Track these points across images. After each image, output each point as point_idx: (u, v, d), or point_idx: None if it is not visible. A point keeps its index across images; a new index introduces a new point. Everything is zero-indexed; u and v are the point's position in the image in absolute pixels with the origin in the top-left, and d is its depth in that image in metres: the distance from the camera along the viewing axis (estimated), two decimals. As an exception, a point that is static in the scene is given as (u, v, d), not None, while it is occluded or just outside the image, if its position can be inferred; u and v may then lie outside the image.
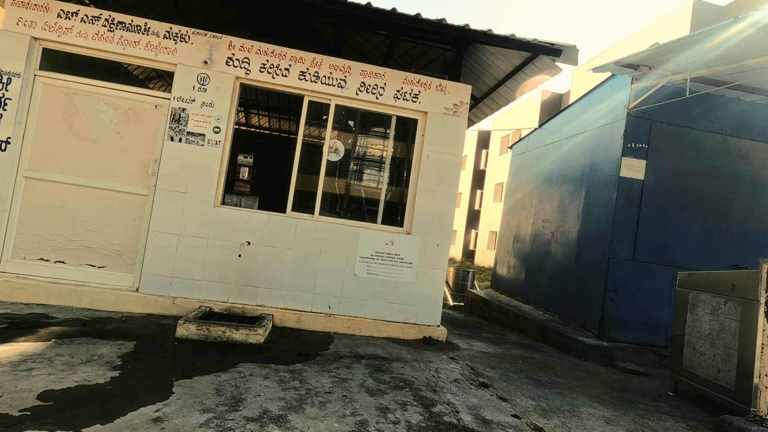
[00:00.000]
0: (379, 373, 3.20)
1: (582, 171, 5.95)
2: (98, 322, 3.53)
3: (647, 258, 5.08)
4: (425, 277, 4.46)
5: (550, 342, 5.33)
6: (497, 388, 3.27)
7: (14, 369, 2.43)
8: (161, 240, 4.07)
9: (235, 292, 4.18)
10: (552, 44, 4.00)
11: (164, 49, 4.11)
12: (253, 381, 2.71)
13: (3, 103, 3.87)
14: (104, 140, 4.10)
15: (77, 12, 4.01)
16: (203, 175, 4.14)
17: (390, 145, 4.77)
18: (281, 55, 4.30)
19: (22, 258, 3.98)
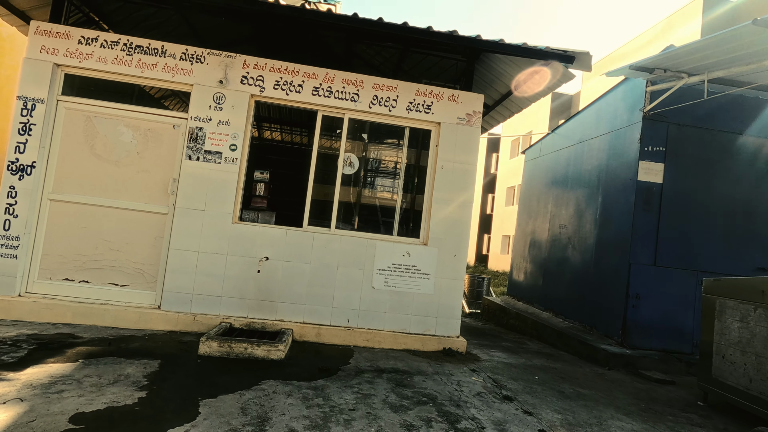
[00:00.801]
0: (402, 388, 3.18)
1: (598, 175, 5.88)
2: (123, 341, 3.58)
3: (669, 263, 4.98)
4: (443, 288, 4.44)
5: (572, 350, 5.25)
6: (521, 401, 3.22)
7: (45, 392, 2.48)
8: (181, 257, 4.13)
9: (255, 308, 4.21)
10: (565, 51, 3.98)
11: (181, 70, 4.20)
12: (277, 399, 2.72)
13: (28, 129, 3.99)
14: (125, 161, 4.19)
15: (97, 38, 4.13)
16: (221, 192, 4.20)
17: (404, 156, 4.78)
18: (294, 71, 4.35)
19: (48, 278, 4.07)
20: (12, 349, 3.12)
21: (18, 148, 3.98)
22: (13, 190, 3.96)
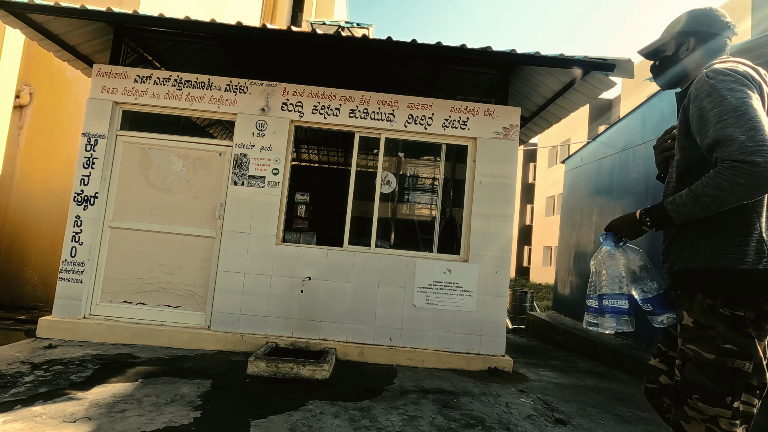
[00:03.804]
0: (448, 410, 3.12)
1: (646, 183, 5.62)
2: (177, 361, 3.74)
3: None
4: (486, 305, 4.35)
5: (626, 369, 4.95)
6: (576, 425, 3.07)
7: (110, 410, 2.63)
8: (228, 279, 4.29)
9: (299, 327, 4.29)
10: (604, 59, 3.88)
11: (226, 101, 4.44)
12: (325, 420, 2.74)
13: (92, 163, 4.33)
14: (176, 189, 4.45)
15: (150, 76, 4.45)
16: (265, 215, 4.36)
17: (441, 172, 4.78)
18: (331, 95, 4.49)
19: (109, 301, 4.34)
20: (79, 369, 3.34)
21: (83, 181, 4.32)
22: (79, 219, 4.28)
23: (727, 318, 1.28)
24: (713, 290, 1.33)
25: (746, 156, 1.21)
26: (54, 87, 6.18)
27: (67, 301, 4.21)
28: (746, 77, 1.33)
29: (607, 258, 1.54)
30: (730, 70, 1.34)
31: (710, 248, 1.36)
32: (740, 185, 1.22)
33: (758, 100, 1.29)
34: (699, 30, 1.54)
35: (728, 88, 1.30)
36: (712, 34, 1.52)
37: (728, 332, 1.28)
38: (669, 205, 1.39)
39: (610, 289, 1.51)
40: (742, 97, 1.28)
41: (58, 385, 2.98)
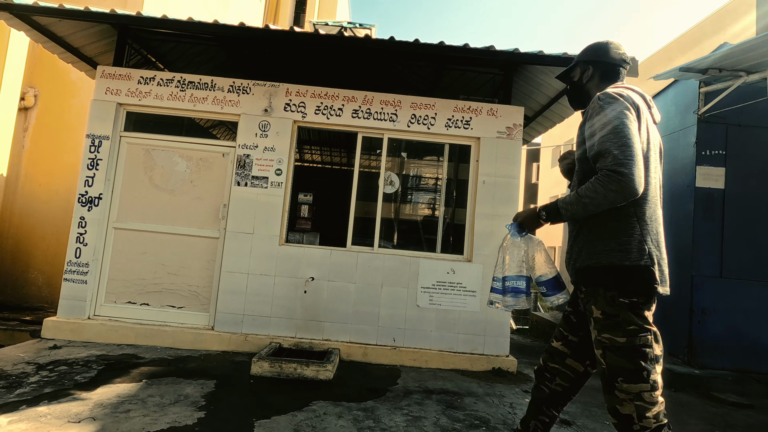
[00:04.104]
0: (452, 410, 3.11)
1: (650, 183, 5.58)
2: (181, 361, 3.75)
3: (738, 275, 4.60)
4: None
5: (632, 370, 4.92)
6: (581, 425, 3.05)
7: (114, 411, 2.64)
8: (232, 279, 4.29)
9: (302, 327, 4.29)
10: (608, 58, 3.86)
11: (229, 102, 4.45)
12: (328, 420, 2.74)
13: (96, 164, 4.34)
14: (180, 189, 4.46)
15: (154, 77, 4.47)
16: (268, 216, 4.36)
17: (444, 172, 4.77)
18: (334, 96, 4.49)
19: (113, 302, 4.35)
20: (84, 369, 3.35)
21: (87, 182, 4.34)
22: (83, 220, 4.30)
23: (626, 305, 1.53)
24: (609, 284, 1.56)
25: (618, 167, 1.45)
26: (58, 89, 6.21)
27: (71, 301, 4.23)
28: (629, 101, 1.58)
29: (510, 245, 1.81)
30: (617, 94, 1.59)
31: (602, 248, 1.59)
32: (611, 191, 1.47)
33: (635, 121, 1.55)
34: (597, 60, 1.82)
35: (612, 109, 1.55)
36: (608, 63, 1.80)
37: (629, 316, 1.53)
38: (560, 203, 1.63)
39: (511, 272, 1.78)
40: (621, 118, 1.52)
41: (62, 385, 2.99)
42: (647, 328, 1.53)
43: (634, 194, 1.47)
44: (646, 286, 1.53)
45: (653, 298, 1.56)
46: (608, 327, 1.56)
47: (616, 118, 1.52)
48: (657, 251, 1.57)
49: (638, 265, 1.53)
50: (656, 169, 1.65)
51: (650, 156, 1.61)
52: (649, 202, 1.60)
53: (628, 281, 1.54)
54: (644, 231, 1.56)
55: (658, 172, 1.65)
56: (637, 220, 1.57)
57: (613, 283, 1.56)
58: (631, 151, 1.47)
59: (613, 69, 1.80)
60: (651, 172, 1.60)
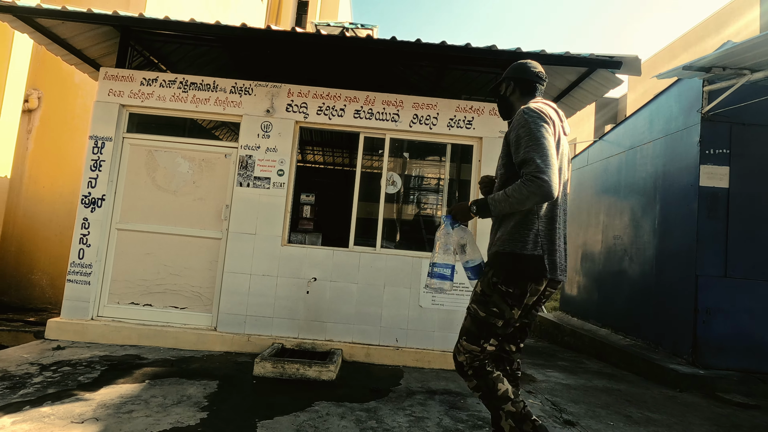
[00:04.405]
0: (455, 411, 3.10)
1: (654, 182, 5.56)
2: (183, 362, 3.75)
3: (743, 274, 4.57)
4: (493, 306, 4.31)
5: (635, 370, 4.89)
6: (585, 426, 3.04)
7: (117, 411, 2.64)
8: (235, 280, 4.30)
9: (305, 328, 4.29)
10: (611, 57, 3.85)
11: (231, 102, 4.46)
12: (331, 421, 2.73)
13: (99, 165, 4.36)
14: (182, 190, 4.47)
15: (156, 78, 4.48)
16: (270, 216, 4.36)
17: (446, 172, 4.76)
18: (336, 96, 4.49)
19: (116, 303, 4.37)
20: (87, 370, 3.36)
21: (90, 183, 4.35)
22: (86, 221, 4.31)
23: (501, 292, 1.85)
24: (498, 270, 1.87)
25: (539, 174, 1.72)
26: (62, 91, 6.24)
27: (75, 302, 4.24)
28: (547, 116, 1.86)
29: (443, 235, 2.04)
30: (538, 110, 1.87)
31: (507, 237, 1.88)
32: (533, 193, 1.74)
33: (552, 134, 1.83)
34: (517, 76, 2.11)
35: (534, 123, 1.82)
36: (526, 80, 2.09)
37: (498, 301, 1.86)
38: (489, 200, 1.89)
39: (440, 259, 2.02)
40: (542, 131, 1.80)
41: (66, 386, 3.00)
42: (506, 315, 1.85)
43: (551, 197, 1.76)
44: (534, 272, 1.83)
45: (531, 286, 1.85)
46: (479, 301, 1.91)
47: (537, 131, 1.80)
48: (549, 245, 1.86)
49: (532, 254, 1.83)
50: (563, 175, 1.94)
51: (561, 164, 1.91)
52: (549, 204, 1.88)
53: (515, 269, 1.84)
54: (540, 227, 1.86)
55: (563, 178, 1.94)
56: (537, 218, 1.87)
57: (501, 270, 1.86)
58: (550, 161, 1.75)
59: (531, 85, 2.09)
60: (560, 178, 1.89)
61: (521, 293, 1.83)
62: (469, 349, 1.90)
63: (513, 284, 1.83)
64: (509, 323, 1.88)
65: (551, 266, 1.84)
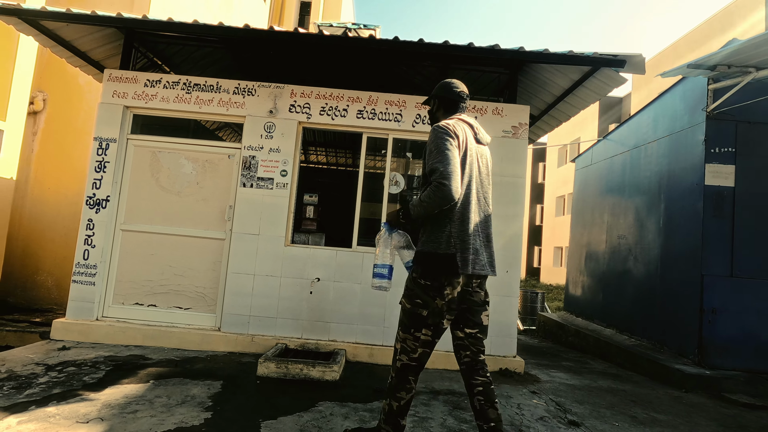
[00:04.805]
0: (459, 411, 3.09)
1: (659, 181, 5.52)
2: (187, 362, 3.76)
3: (749, 274, 4.53)
4: (496, 306, 4.29)
5: (641, 370, 4.87)
6: (589, 426, 3.02)
7: (122, 411, 2.65)
8: (238, 280, 4.31)
9: (308, 328, 4.29)
10: (615, 56, 3.83)
11: (234, 103, 4.47)
12: (335, 421, 2.73)
13: (103, 166, 4.38)
14: (186, 191, 4.48)
15: (160, 80, 4.50)
16: (273, 217, 4.37)
17: (449, 172, 4.74)
18: (339, 96, 4.50)
19: (121, 303, 4.39)
20: (92, 370, 3.37)
21: (95, 184, 4.38)
22: (91, 222, 4.34)
23: (421, 286, 2.09)
24: (417, 267, 2.13)
25: (443, 180, 1.98)
26: (67, 93, 6.28)
27: (80, 303, 4.27)
28: (453, 131, 2.10)
29: (382, 239, 2.30)
30: (446, 126, 2.11)
31: (426, 238, 2.12)
32: (438, 197, 1.99)
33: (456, 147, 2.07)
34: (441, 95, 2.35)
35: (441, 138, 2.07)
36: (449, 99, 2.33)
37: (420, 294, 2.09)
38: (410, 206, 2.15)
39: (380, 261, 2.28)
40: (446, 144, 2.05)
41: (71, 386, 3.01)
42: (430, 305, 2.07)
43: (452, 200, 2.00)
44: (448, 268, 2.05)
45: (451, 280, 2.05)
46: (406, 295, 2.16)
47: (443, 145, 2.05)
48: (462, 244, 2.08)
49: (446, 253, 2.06)
50: (475, 181, 2.17)
51: (471, 174, 2.15)
52: (460, 207, 2.11)
53: (432, 266, 2.08)
54: (453, 229, 2.08)
55: (476, 183, 2.18)
56: (448, 221, 2.09)
57: (421, 267, 2.11)
58: (451, 169, 2.00)
59: (454, 103, 2.33)
60: (467, 185, 2.13)
61: (439, 286, 2.05)
62: (403, 336, 2.15)
63: (430, 278, 2.07)
64: (435, 313, 2.06)
65: (463, 263, 2.06)
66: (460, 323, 2.18)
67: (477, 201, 2.16)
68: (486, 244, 2.20)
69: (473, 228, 2.12)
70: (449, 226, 2.08)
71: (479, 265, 2.11)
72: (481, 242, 2.16)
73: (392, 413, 2.18)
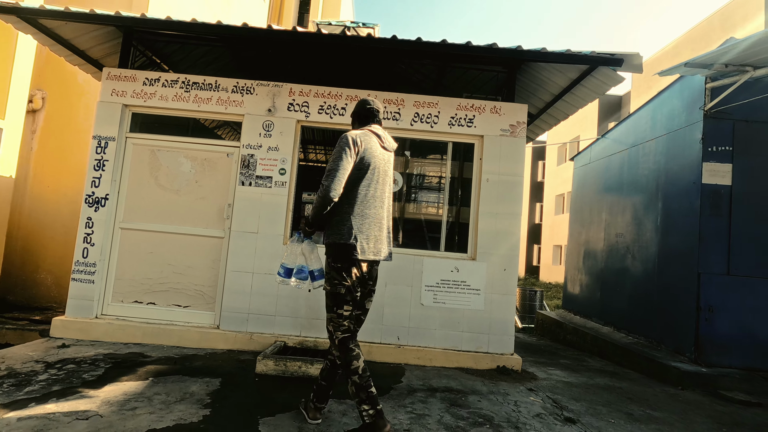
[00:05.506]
0: (456, 408, 3.11)
1: (656, 180, 5.54)
2: (186, 360, 3.78)
3: (746, 272, 4.55)
4: (494, 304, 4.33)
5: (638, 368, 4.89)
6: (585, 423, 3.04)
7: (121, 408, 2.67)
8: (237, 278, 4.32)
9: (306, 326, 4.31)
10: (612, 54, 3.84)
11: (233, 102, 4.48)
12: (332, 418, 2.75)
13: (102, 165, 4.39)
14: (185, 190, 4.50)
15: (159, 78, 4.51)
16: (272, 215, 4.38)
17: (448, 171, 4.77)
18: (337, 95, 4.51)
19: (120, 301, 4.40)
20: (92, 368, 3.39)
21: (94, 183, 4.39)
22: (90, 221, 4.35)
23: (335, 268, 2.44)
24: (329, 254, 2.48)
25: (325, 181, 2.36)
26: (66, 91, 6.28)
27: (79, 301, 4.28)
28: (353, 140, 2.43)
29: (291, 243, 2.69)
30: (349, 135, 2.44)
31: (331, 231, 2.46)
32: (320, 197, 2.38)
33: (351, 155, 2.41)
34: (356, 111, 2.74)
35: (340, 146, 2.42)
36: (362, 114, 2.71)
37: (336, 275, 2.44)
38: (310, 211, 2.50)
39: (285, 261, 2.66)
40: (343, 151, 2.40)
41: (71, 383, 3.03)
42: (345, 284, 2.42)
43: (330, 200, 2.35)
44: (348, 255, 2.41)
45: (354, 263, 2.43)
46: (327, 280, 2.50)
47: (339, 153, 2.40)
48: (359, 235, 2.43)
49: (346, 242, 2.40)
50: (376, 182, 2.52)
51: (372, 176, 2.49)
52: (359, 205, 2.45)
53: (338, 253, 2.43)
54: (353, 223, 2.42)
55: (378, 185, 2.53)
56: (350, 216, 2.43)
57: (331, 254, 2.46)
58: (335, 173, 2.36)
59: (365, 117, 2.69)
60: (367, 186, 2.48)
61: (347, 267, 2.42)
62: (330, 317, 2.48)
63: (338, 261, 2.43)
64: (350, 290, 2.43)
65: (360, 250, 2.42)
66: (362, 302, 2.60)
67: (375, 198, 2.52)
68: (383, 236, 2.57)
69: (371, 221, 2.49)
70: (350, 221, 2.42)
71: (374, 252, 2.50)
72: (377, 234, 2.52)
73: (360, 387, 2.34)
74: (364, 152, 2.45)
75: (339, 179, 2.36)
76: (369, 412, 2.31)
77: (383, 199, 2.58)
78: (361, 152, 2.44)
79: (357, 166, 2.44)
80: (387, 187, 2.62)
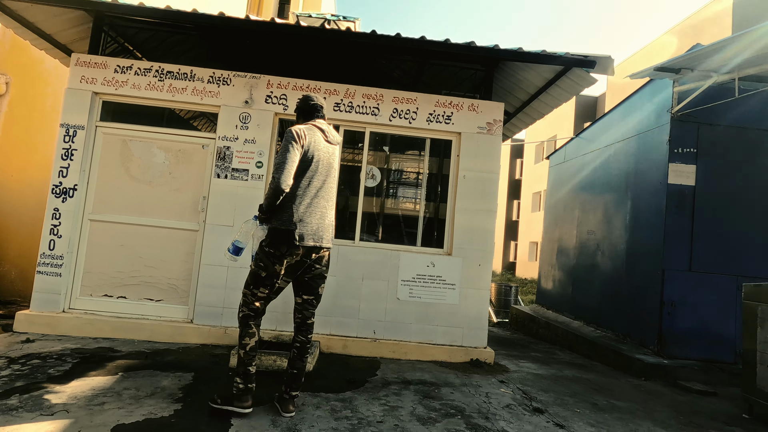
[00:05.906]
0: (429, 400, 3.17)
1: (626, 179, 5.74)
2: (158, 354, 3.72)
3: (706, 268, 4.78)
4: (469, 298, 4.41)
5: (605, 361, 5.09)
6: (552, 413, 3.15)
7: (89, 404, 2.61)
8: (211, 272, 4.27)
9: (282, 321, 4.30)
10: (585, 56, 3.94)
11: (209, 93, 4.40)
12: (306, 411, 2.76)
13: (70, 154, 4.25)
14: (158, 181, 4.40)
15: (131, 66, 4.38)
16: (248, 208, 4.33)
17: (425, 166, 4.81)
18: (316, 88, 4.48)
19: (89, 295, 4.28)
20: (58, 363, 3.30)
21: (61, 173, 4.24)
22: (57, 212, 4.21)
23: (266, 252, 2.58)
24: (266, 239, 2.61)
25: (275, 174, 2.49)
26: (32, 77, 6.02)
27: (45, 294, 4.15)
28: (298, 134, 2.58)
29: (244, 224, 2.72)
30: (293, 129, 2.60)
31: (275, 218, 2.59)
32: (271, 188, 2.51)
33: (297, 147, 2.55)
34: (299, 107, 2.88)
35: (286, 140, 2.57)
36: (306, 110, 2.85)
37: (263, 258, 2.59)
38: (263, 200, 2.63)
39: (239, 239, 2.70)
40: (288, 146, 2.54)
41: (35, 378, 2.95)
42: (269, 269, 2.58)
43: (281, 191, 2.49)
44: (287, 240, 2.55)
45: (290, 250, 2.57)
46: (254, 259, 2.66)
47: (286, 146, 2.54)
48: (300, 223, 2.57)
49: (287, 228, 2.55)
50: (320, 174, 2.66)
51: (316, 168, 2.64)
52: (303, 197, 2.60)
53: (277, 238, 2.56)
54: (295, 212, 2.57)
55: (321, 177, 2.67)
56: (291, 205, 2.57)
57: (269, 237, 2.59)
58: (284, 166, 2.49)
59: (309, 113, 2.83)
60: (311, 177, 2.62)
61: (280, 254, 2.56)
62: (244, 293, 2.64)
63: (274, 247, 2.56)
64: (272, 275, 2.58)
65: (300, 237, 2.56)
66: (300, 291, 2.78)
67: (318, 189, 2.66)
68: (325, 225, 2.71)
69: (314, 211, 2.64)
70: (292, 209, 2.56)
71: (315, 239, 2.63)
72: (318, 222, 2.65)
73: (241, 362, 2.58)
74: (309, 146, 2.60)
75: (288, 171, 2.50)
76: (239, 386, 2.58)
77: (327, 189, 2.72)
78: (305, 145, 2.59)
79: (302, 159, 2.58)
80: (331, 178, 2.75)
